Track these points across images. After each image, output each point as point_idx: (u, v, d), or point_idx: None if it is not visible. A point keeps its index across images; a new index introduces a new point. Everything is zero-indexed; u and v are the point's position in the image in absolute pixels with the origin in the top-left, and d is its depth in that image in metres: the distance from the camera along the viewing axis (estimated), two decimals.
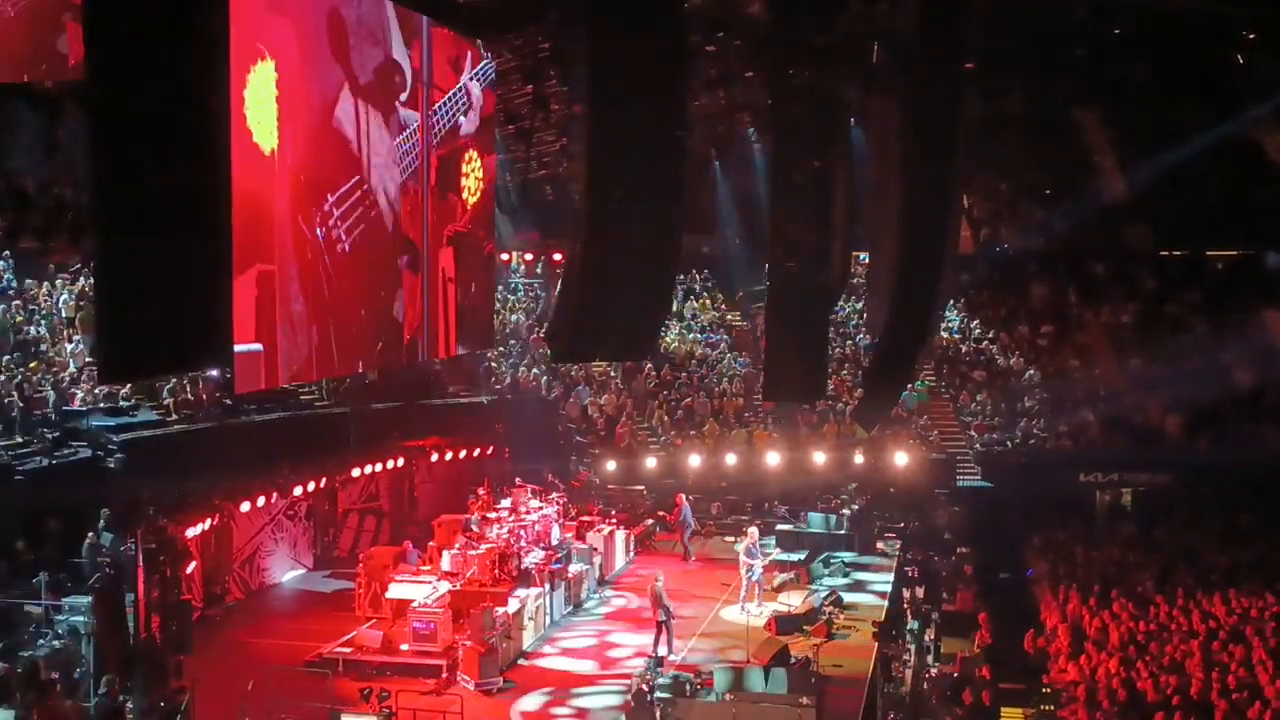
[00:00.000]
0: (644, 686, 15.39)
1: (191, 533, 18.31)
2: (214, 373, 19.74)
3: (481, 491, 22.21)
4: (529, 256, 34.70)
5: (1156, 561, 23.69)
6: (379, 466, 23.74)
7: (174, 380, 20.41)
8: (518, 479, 23.38)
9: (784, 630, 18.81)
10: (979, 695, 18.20)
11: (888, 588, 22.06)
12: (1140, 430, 27.95)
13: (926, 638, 21.68)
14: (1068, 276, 32.88)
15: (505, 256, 32.55)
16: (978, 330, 32.84)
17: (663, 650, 17.85)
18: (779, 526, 24.93)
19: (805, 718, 14.94)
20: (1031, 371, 30.53)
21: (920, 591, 22.84)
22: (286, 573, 22.42)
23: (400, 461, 24.29)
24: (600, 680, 17.22)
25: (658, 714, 15.15)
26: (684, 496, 24.73)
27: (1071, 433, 28.31)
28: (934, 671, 20.50)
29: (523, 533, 20.72)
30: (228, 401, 20.94)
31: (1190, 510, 26.03)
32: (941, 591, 23.50)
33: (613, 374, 30.78)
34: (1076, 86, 26.27)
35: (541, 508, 22.12)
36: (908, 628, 21.48)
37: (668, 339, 32.17)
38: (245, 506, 20.46)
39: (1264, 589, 21.46)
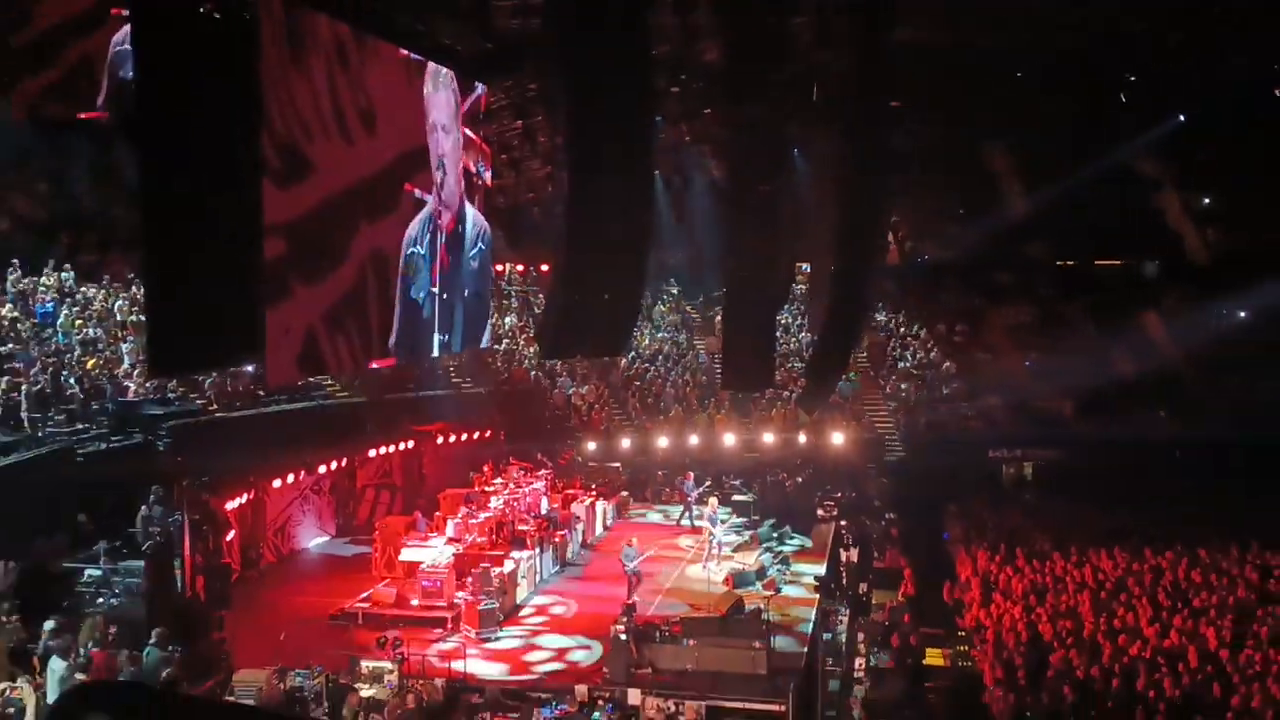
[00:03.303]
0: (620, 632, 15.39)
1: (230, 505, 18.18)
2: (249, 368, 19.58)
3: (486, 470, 22.14)
4: (520, 268, 34.56)
5: (1053, 525, 23.84)
6: (392, 448, 23.63)
7: (214, 375, 20.22)
8: (511, 458, 23.33)
9: (739, 585, 18.85)
10: (906, 639, 18.28)
11: (827, 548, 22.13)
12: (1039, 413, 28.12)
13: (860, 590, 21.74)
14: (977, 284, 33.03)
15: (500, 268, 32.42)
16: (903, 329, 32.96)
17: (636, 598, 17.82)
18: (735, 497, 24.94)
19: (757, 659, 15.00)
20: (948, 364, 30.66)
21: (854, 551, 22.92)
22: (313, 539, 22.31)
23: (411, 443, 24.18)
24: (583, 628, 17.19)
25: (633, 654, 15.14)
26: (691, 474, 24.44)
27: (981, 415, 28.45)
28: (866, 619, 20.57)
29: (516, 504, 20.71)
30: (261, 393, 20.78)
31: (1081, 481, 26.16)
32: (873, 551, 23.58)
33: (593, 368, 30.71)
34: (985, 121, 26.39)
35: (532, 482, 22.11)
36: (844, 582, 21.54)
37: (639, 338, 32.12)
38: (276, 483, 20.33)
39: (1142, 547, 21.65)
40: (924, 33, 18.85)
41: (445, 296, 18.21)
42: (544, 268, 32.38)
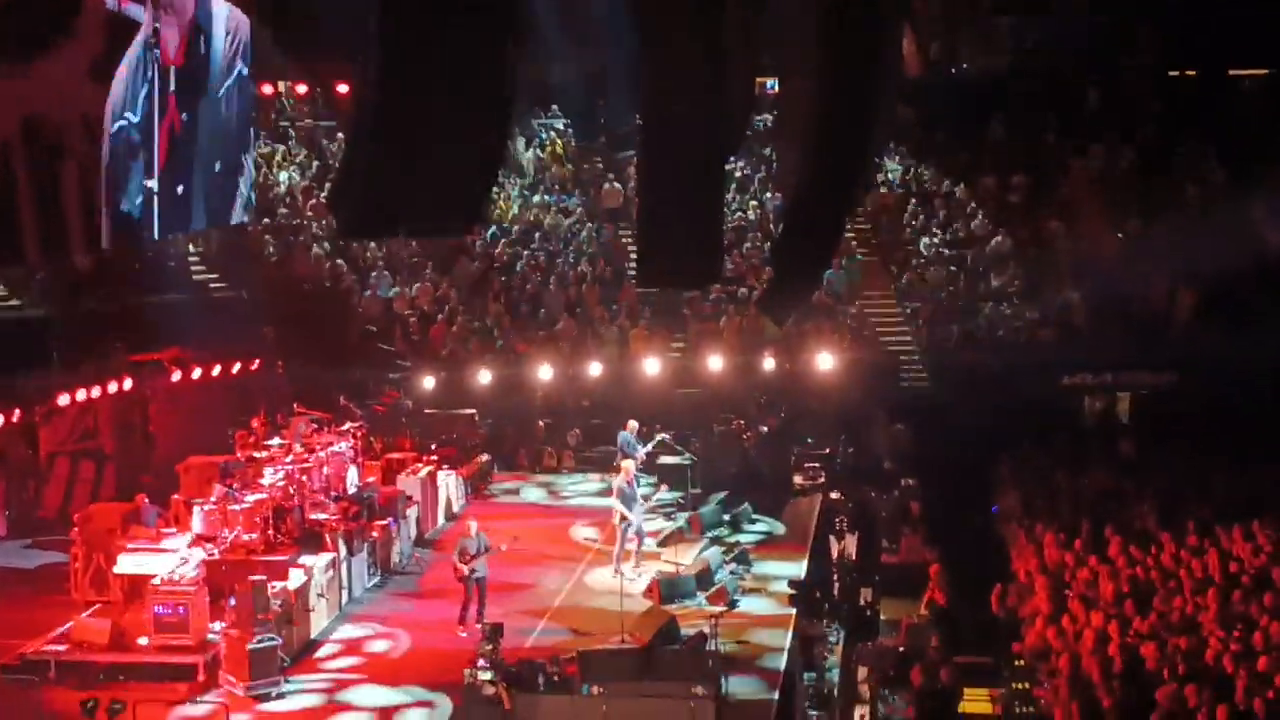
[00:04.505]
0: (479, 674, 15.59)
1: None
2: None
3: (256, 424, 22.02)
4: (303, 89, 33.99)
5: (1161, 489, 24.45)
6: (96, 391, 23.27)
7: None
8: (297, 404, 23.23)
9: (671, 598, 19.14)
10: (933, 674, 18.75)
11: (808, 536, 22.56)
12: (1140, 316, 28.68)
13: (861, 600, 22.24)
14: (1046, 108, 33.39)
15: (268, 89, 31.81)
16: (927, 184, 33.30)
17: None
18: (662, 459, 25.19)
19: (701, 714, 15.27)
20: (998, 239, 31.10)
21: (852, 540, 23.37)
22: None
23: (127, 383, 23.86)
24: (421, 673, 17.36)
25: (505, 709, 15.36)
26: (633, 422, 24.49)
27: (1051, 320, 28.97)
28: (871, 645, 21.06)
29: (306, 478, 20.68)
30: None
31: (1203, 421, 26.68)
32: (880, 539, 24.08)
33: (428, 254, 30.58)
34: None
35: (332, 443, 22.08)
36: (835, 589, 22.01)
37: (502, 204, 32.03)
38: None
39: None
40: None
41: (180, 190, 17.61)
42: (342, 89, 31.90)
